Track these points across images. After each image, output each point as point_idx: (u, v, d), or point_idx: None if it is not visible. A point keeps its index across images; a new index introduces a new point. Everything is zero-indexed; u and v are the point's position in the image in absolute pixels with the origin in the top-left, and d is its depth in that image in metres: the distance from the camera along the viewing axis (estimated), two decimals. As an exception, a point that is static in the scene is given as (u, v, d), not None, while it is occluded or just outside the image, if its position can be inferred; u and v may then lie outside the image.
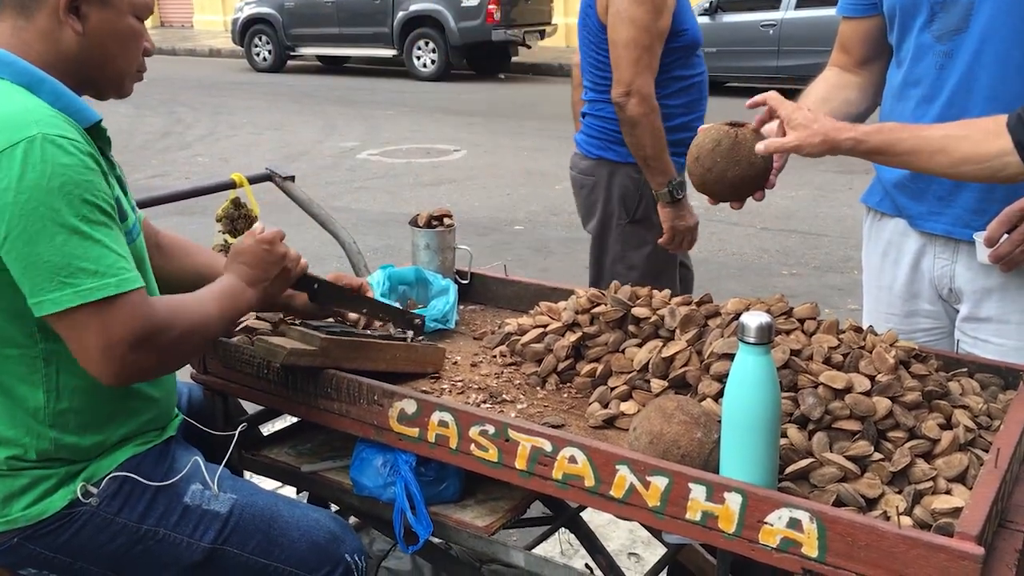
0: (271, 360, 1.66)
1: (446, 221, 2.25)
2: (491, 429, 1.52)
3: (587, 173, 2.93)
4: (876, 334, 1.66)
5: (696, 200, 2.79)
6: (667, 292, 1.87)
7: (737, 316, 1.71)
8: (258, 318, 1.88)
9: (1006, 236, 1.64)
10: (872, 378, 1.52)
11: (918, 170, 1.56)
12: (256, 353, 1.69)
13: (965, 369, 1.70)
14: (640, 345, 1.77)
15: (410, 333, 1.90)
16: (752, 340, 1.31)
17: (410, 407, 1.60)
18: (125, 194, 1.56)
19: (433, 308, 2.07)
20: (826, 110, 1.89)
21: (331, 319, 1.89)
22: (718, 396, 1.58)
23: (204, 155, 9.18)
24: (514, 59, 16.07)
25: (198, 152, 9.34)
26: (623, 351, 1.78)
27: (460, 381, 1.84)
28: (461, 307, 2.27)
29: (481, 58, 15.52)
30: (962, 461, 1.40)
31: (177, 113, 11.75)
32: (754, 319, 1.31)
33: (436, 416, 1.57)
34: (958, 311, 1.83)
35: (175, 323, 1.42)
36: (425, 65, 15.14)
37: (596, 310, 1.85)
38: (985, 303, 1.76)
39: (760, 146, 1.63)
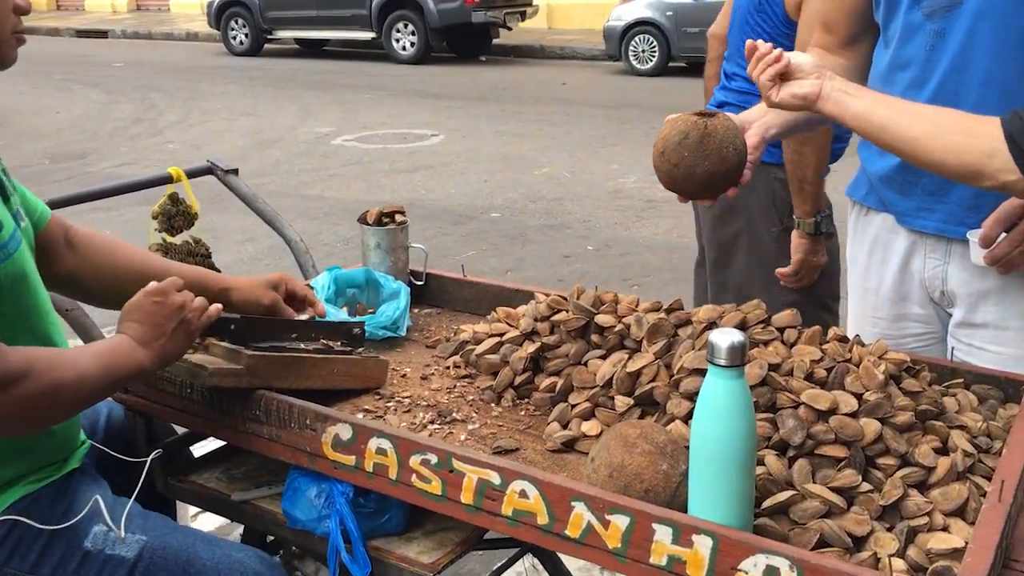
0: (192, 381, 1.49)
1: (398, 218, 2.08)
2: (434, 459, 1.35)
3: None
4: (863, 344, 1.50)
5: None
6: (634, 298, 1.71)
7: (710, 325, 1.55)
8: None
9: (1003, 235, 1.48)
10: (859, 396, 1.36)
11: (895, 126, 1.38)
12: (176, 373, 1.52)
13: (961, 380, 1.55)
14: (604, 357, 1.61)
15: (350, 344, 1.73)
16: (723, 362, 1.14)
17: (345, 432, 1.43)
18: (7, 200, 1.37)
19: (382, 315, 1.90)
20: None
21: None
22: (688, 417, 1.41)
23: (175, 142, 8.94)
24: (495, 41, 15.83)
25: (169, 139, 9.11)
26: (585, 363, 1.62)
27: (408, 397, 1.67)
28: (415, 311, 2.10)
29: (461, 40, 15.28)
30: (961, 492, 1.25)
31: (150, 99, 11.49)
32: (724, 337, 1.14)
33: (374, 443, 1.41)
34: (951, 315, 1.67)
35: (30, 377, 1.21)
36: (404, 48, 14.90)
37: (556, 317, 1.69)
38: (981, 307, 1.60)
39: (780, 95, 1.45)
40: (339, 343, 1.71)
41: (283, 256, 5.32)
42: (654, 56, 13.30)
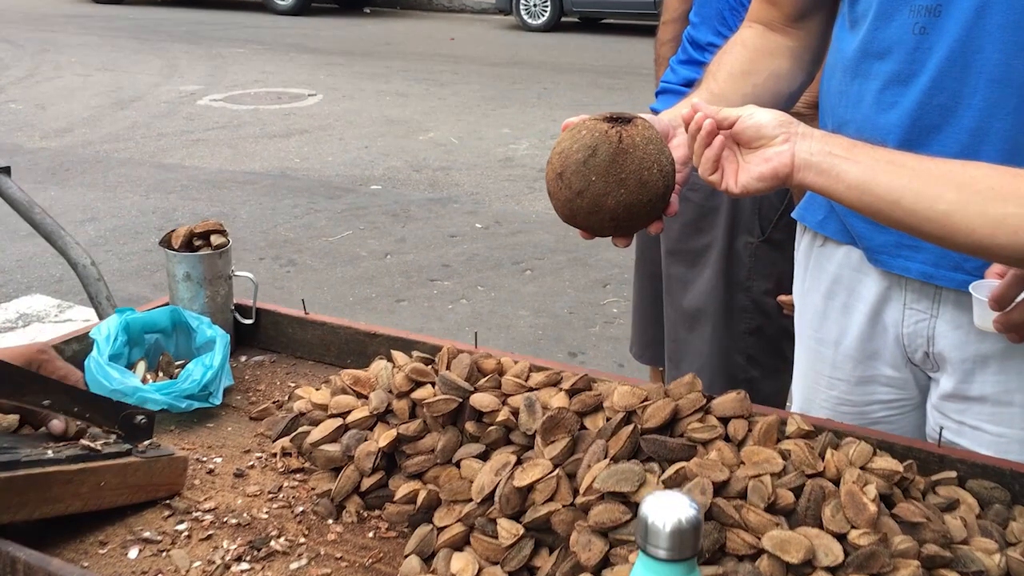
0: None
1: (215, 240, 1.57)
2: (222, 657, 0.89)
3: None
4: (838, 443, 1.10)
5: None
6: (524, 365, 1.27)
7: (628, 417, 1.12)
8: None
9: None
10: (843, 536, 0.96)
11: (912, 194, 0.97)
12: None
13: (953, 474, 1.16)
14: (484, 456, 1.17)
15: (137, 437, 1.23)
16: (664, 554, 0.71)
17: (92, 608, 0.95)
18: None
19: (186, 378, 1.41)
20: (747, 89, 1.31)
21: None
22: (602, 566, 0.99)
23: (19, 101, 8.03)
24: (380, -8, 15.07)
25: (12, 97, 8.17)
26: (458, 464, 1.17)
27: (212, 511, 1.20)
28: (242, 359, 1.62)
29: (344, -10, 14.48)
30: None
31: (-6, 51, 10.42)
32: (664, 513, 0.71)
33: (134, 626, 0.93)
34: (933, 379, 1.29)
35: None
36: (282, -3, 14.01)
37: (419, 394, 1.23)
38: (979, 376, 1.22)
39: (742, 181, 1.04)
40: (112, 438, 1.21)
41: (128, 240, 4.69)
42: (546, 10, 12.81)
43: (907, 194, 0.95)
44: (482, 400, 1.19)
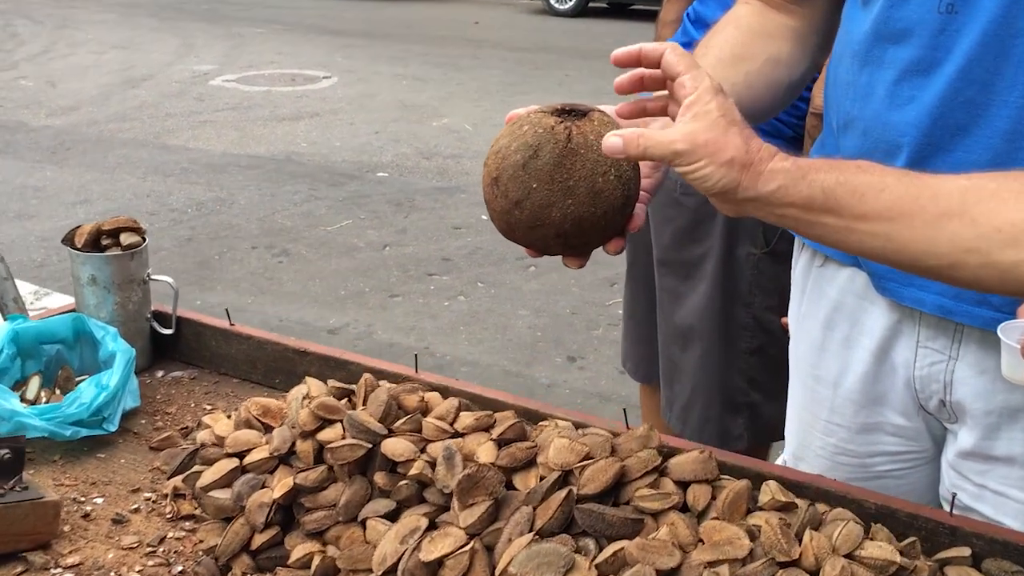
0: None
1: (125, 239, 1.38)
2: None
3: None
4: (820, 520, 0.88)
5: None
6: (452, 404, 1.06)
7: (564, 478, 0.91)
8: None
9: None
10: (818, 652, 0.75)
11: (893, 254, 0.76)
12: None
13: (967, 552, 0.95)
14: (394, 514, 0.97)
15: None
16: None
17: None
18: None
19: (73, 401, 1.21)
20: (739, 77, 1.09)
21: None
22: (512, 677, 0.79)
23: (29, 78, 7.91)
24: (406, -27, 14.84)
25: (23, 74, 8.06)
26: (363, 523, 0.97)
27: (73, 568, 1.01)
28: (160, 374, 1.42)
29: (369, -28, 14.25)
30: None
31: (13, 26, 10.31)
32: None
33: None
34: (950, 431, 1.07)
35: None
36: (306, -22, 13.82)
37: (324, 435, 1.03)
38: (1006, 432, 1.01)
39: (612, 140, 0.81)
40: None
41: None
42: (573, -5, 12.55)
43: (887, 252, 0.75)
44: (395, 447, 0.99)
